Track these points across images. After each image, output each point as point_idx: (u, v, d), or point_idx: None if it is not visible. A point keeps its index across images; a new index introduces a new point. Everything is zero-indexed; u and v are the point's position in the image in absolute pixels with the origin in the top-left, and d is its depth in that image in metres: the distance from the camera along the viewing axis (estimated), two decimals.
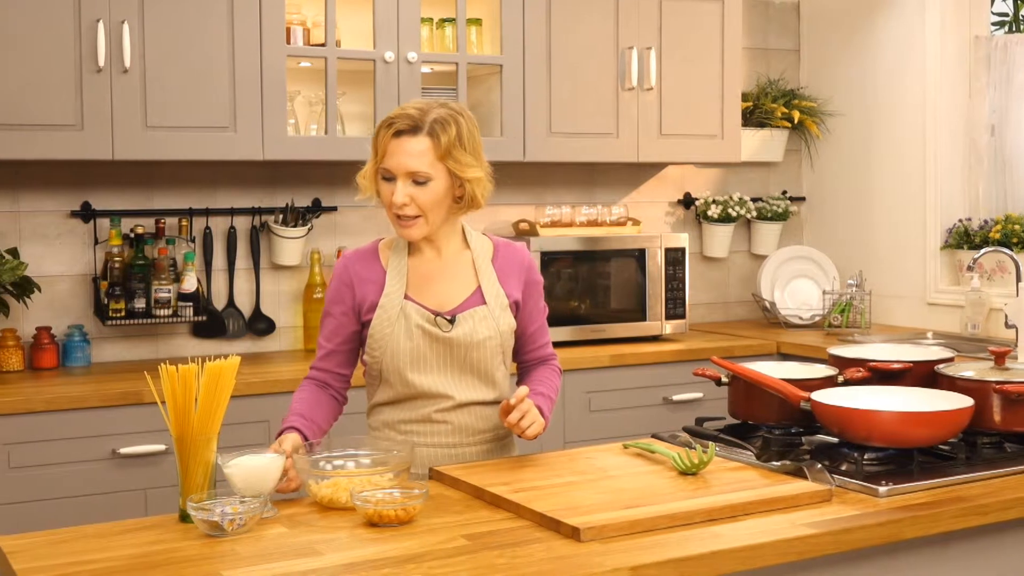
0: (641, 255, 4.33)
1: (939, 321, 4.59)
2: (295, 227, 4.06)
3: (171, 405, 2.05)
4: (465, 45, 4.05)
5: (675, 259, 4.37)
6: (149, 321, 3.80)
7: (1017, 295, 4.14)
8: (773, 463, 2.29)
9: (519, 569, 1.76)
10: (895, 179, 4.79)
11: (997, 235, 4.37)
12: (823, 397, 2.37)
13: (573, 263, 4.23)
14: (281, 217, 4.06)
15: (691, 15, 4.44)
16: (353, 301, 2.46)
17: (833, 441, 2.42)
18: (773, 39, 5.13)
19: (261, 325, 4.11)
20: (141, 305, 3.78)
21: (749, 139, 4.85)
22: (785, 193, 5.12)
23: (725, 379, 2.62)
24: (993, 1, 4.79)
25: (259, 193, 4.11)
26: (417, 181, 2.36)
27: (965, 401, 2.33)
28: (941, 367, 2.57)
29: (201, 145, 3.67)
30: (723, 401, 2.67)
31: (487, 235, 2.57)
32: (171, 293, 3.82)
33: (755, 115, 4.90)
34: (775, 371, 2.61)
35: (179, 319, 3.85)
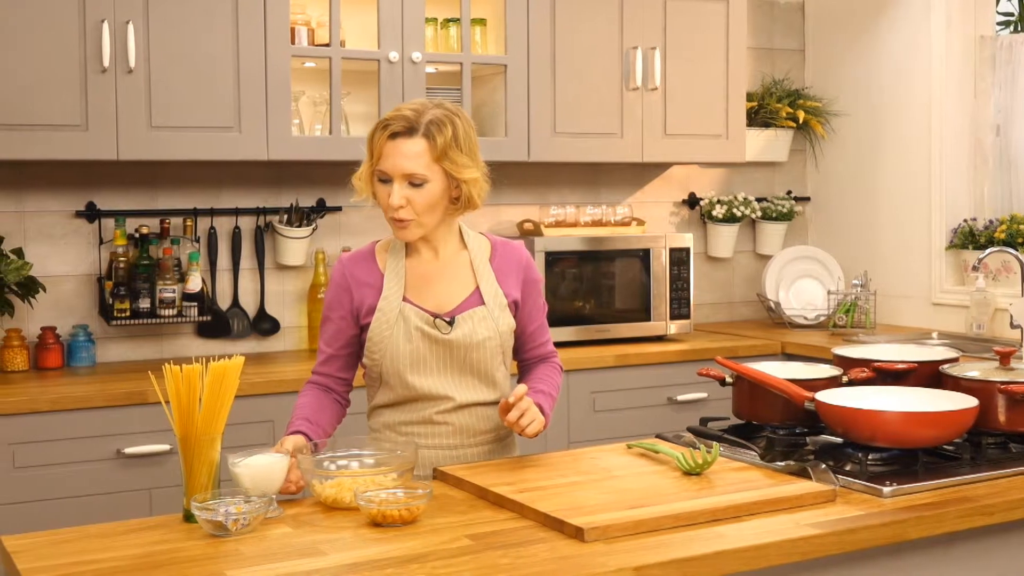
0: (646, 255, 4.33)
1: (944, 321, 4.59)
2: (299, 227, 4.06)
3: (175, 405, 2.05)
4: (469, 45, 4.05)
5: (680, 259, 4.37)
6: (154, 321, 3.80)
7: (1022, 295, 4.14)
8: (777, 463, 2.29)
9: (523, 569, 1.76)
10: (900, 179, 4.78)
11: (1002, 235, 4.36)
12: (827, 397, 2.37)
13: (577, 263, 4.23)
14: (286, 217, 4.07)
15: (696, 15, 4.43)
16: (351, 305, 2.45)
17: (837, 441, 2.42)
18: (778, 39, 5.12)
19: (265, 325, 4.12)
20: (146, 305, 3.78)
21: (754, 139, 4.85)
22: (790, 193, 5.12)
23: (729, 379, 2.62)
24: (998, 1, 4.79)
25: (264, 193, 4.12)
26: (413, 183, 2.35)
27: (970, 401, 2.32)
28: (946, 367, 2.57)
29: (206, 145, 3.67)
30: (727, 401, 2.67)
31: (484, 234, 2.56)
32: (176, 293, 3.83)
33: (760, 115, 4.90)
34: (779, 371, 2.61)
35: (184, 319, 3.85)
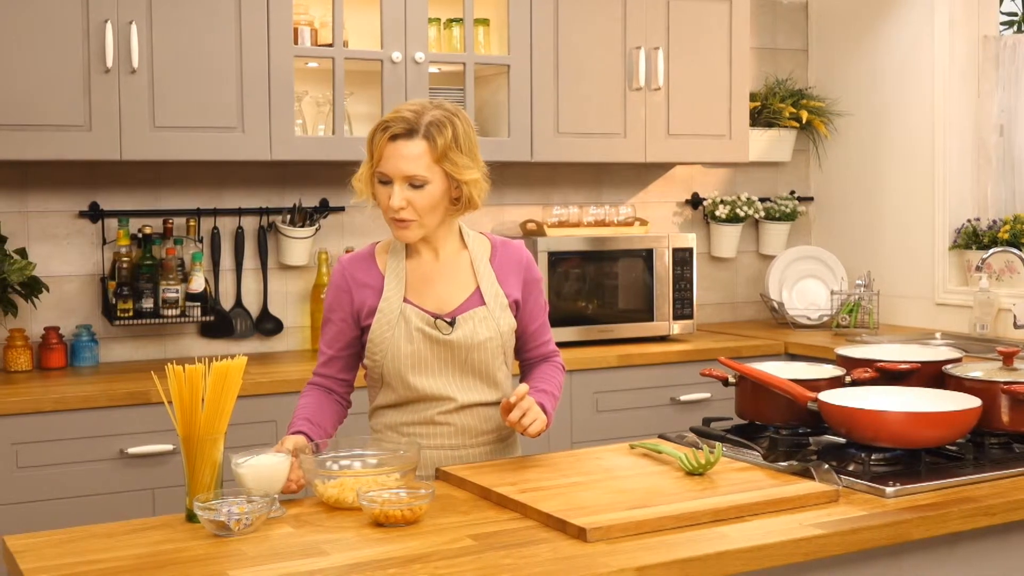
0: (649, 255, 4.33)
1: (948, 321, 4.58)
2: (303, 227, 4.07)
3: (178, 405, 2.06)
4: (472, 45, 4.05)
5: (683, 259, 4.37)
6: (157, 321, 3.80)
7: None
8: (780, 463, 2.28)
9: (525, 569, 1.76)
10: (903, 179, 4.78)
11: (1006, 235, 4.36)
12: (830, 397, 2.37)
13: (580, 263, 4.23)
14: (289, 217, 4.07)
15: (699, 15, 4.43)
16: (351, 307, 2.45)
17: (840, 442, 2.41)
18: (781, 39, 5.12)
19: (269, 325, 4.12)
20: (149, 305, 3.79)
21: (757, 139, 4.84)
22: (793, 193, 5.11)
23: (732, 379, 2.61)
24: (1002, 1, 4.78)
25: (267, 193, 4.12)
26: (414, 184, 2.35)
27: (973, 402, 2.32)
28: (949, 367, 2.56)
29: (209, 145, 3.67)
30: (730, 401, 2.67)
31: (484, 234, 2.56)
32: (179, 293, 3.83)
33: (763, 115, 4.90)
34: (782, 371, 2.61)
35: (187, 319, 3.85)
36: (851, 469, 2.25)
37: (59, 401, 3.28)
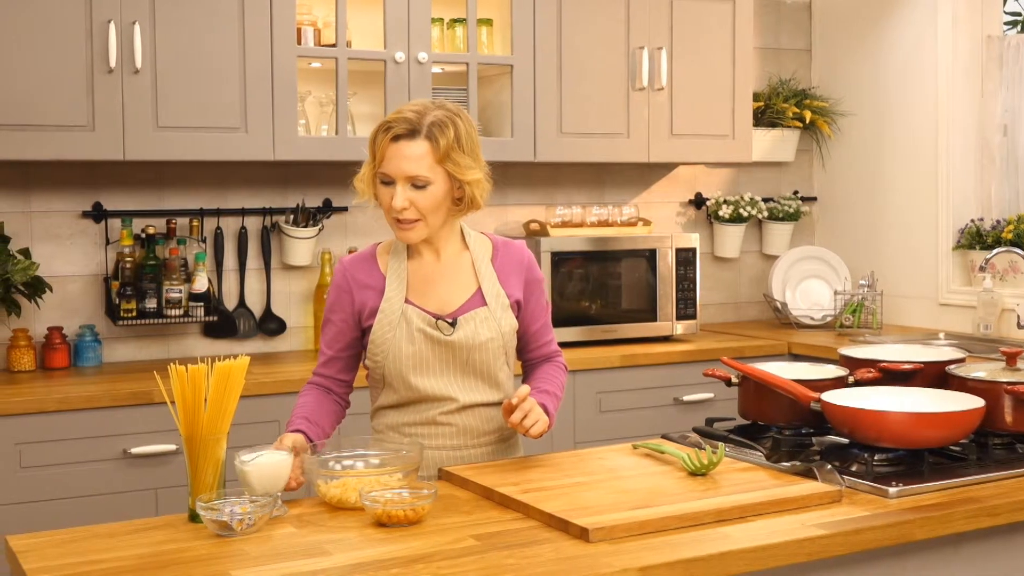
0: (652, 255, 4.32)
1: (951, 321, 4.58)
2: (306, 227, 4.07)
3: (180, 405, 2.06)
4: (476, 45, 4.05)
5: (686, 259, 4.37)
6: (160, 321, 3.81)
7: None
8: (783, 464, 2.28)
9: (528, 569, 1.76)
10: (907, 179, 4.77)
11: (1009, 235, 4.35)
12: (833, 398, 2.37)
13: (584, 263, 4.23)
14: (292, 217, 4.07)
15: (702, 15, 4.43)
16: (352, 308, 2.45)
17: (843, 442, 2.41)
18: (785, 39, 5.12)
19: (272, 325, 4.12)
20: (152, 305, 3.79)
21: (760, 139, 4.84)
22: (796, 193, 5.11)
23: (735, 380, 2.61)
24: (1006, 1, 4.77)
25: (270, 193, 4.12)
26: (416, 185, 2.34)
27: (976, 402, 2.32)
28: (952, 368, 2.56)
29: (212, 145, 3.67)
30: (734, 402, 2.67)
31: (486, 234, 2.55)
32: (182, 293, 3.83)
33: (766, 115, 4.89)
34: (785, 372, 2.60)
35: (190, 319, 3.86)
36: (854, 469, 2.25)
37: (62, 401, 3.29)
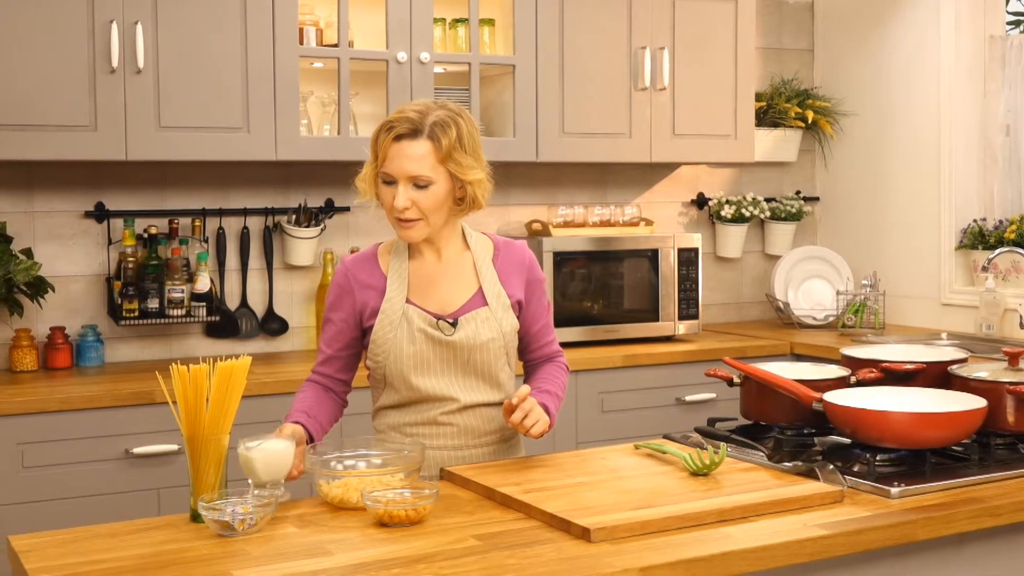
0: (654, 255, 4.32)
1: (954, 322, 4.57)
2: (308, 227, 4.07)
3: (182, 405, 2.06)
4: (478, 45, 4.05)
5: (688, 259, 4.36)
6: (162, 321, 3.81)
7: None
8: (785, 464, 2.28)
9: (529, 569, 1.76)
10: (909, 179, 4.77)
11: (1012, 235, 4.35)
12: (835, 398, 2.37)
13: (586, 263, 4.23)
14: (294, 217, 4.07)
15: (704, 15, 4.43)
16: (353, 308, 2.45)
17: (845, 442, 2.41)
18: (787, 39, 5.11)
19: (274, 325, 4.12)
20: (154, 305, 3.79)
21: (763, 139, 4.84)
22: (799, 193, 5.11)
23: (737, 380, 2.61)
24: (1008, 1, 4.77)
25: (272, 193, 4.12)
26: (418, 184, 2.34)
27: (978, 402, 2.31)
28: (954, 368, 2.56)
29: (214, 146, 3.67)
30: (736, 402, 2.66)
31: (487, 234, 2.56)
32: (184, 293, 3.83)
33: (769, 115, 4.89)
34: (787, 372, 2.60)
35: (192, 319, 3.86)
36: (856, 470, 2.24)
37: (64, 401, 3.29)
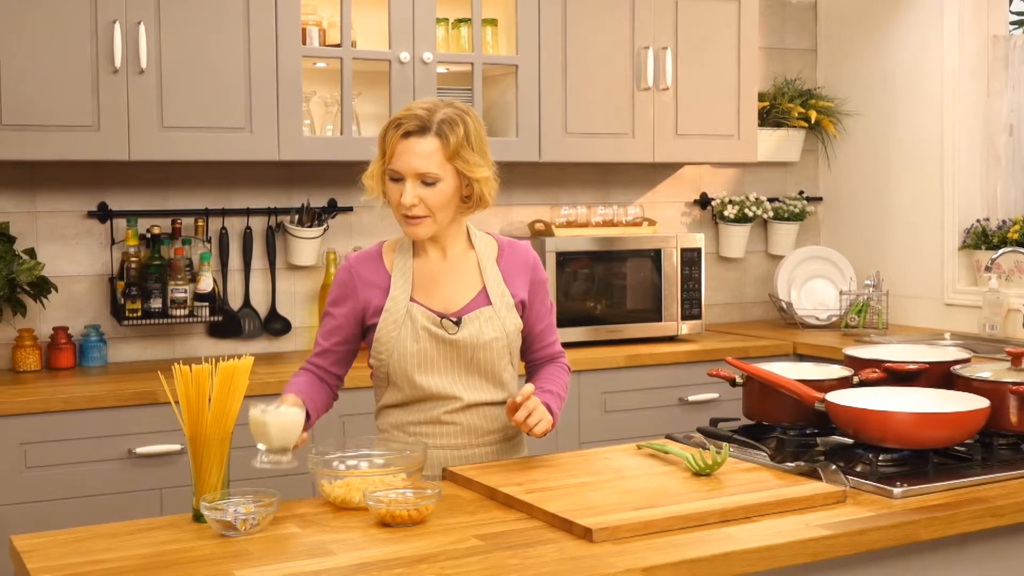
0: (657, 255, 4.32)
1: (957, 322, 4.57)
2: (311, 227, 4.07)
3: (184, 405, 2.06)
4: (480, 45, 4.05)
5: (691, 259, 4.36)
6: (165, 321, 3.81)
7: None
8: (787, 464, 2.28)
9: (531, 569, 1.76)
10: (913, 179, 4.76)
11: (1015, 235, 4.34)
12: (838, 398, 2.36)
13: (589, 263, 4.22)
14: (297, 217, 4.07)
15: (707, 15, 4.42)
16: (356, 305, 2.45)
17: (848, 442, 2.41)
18: (790, 39, 5.11)
19: (277, 325, 4.12)
20: (157, 305, 3.79)
21: (766, 139, 4.83)
22: (802, 193, 5.10)
23: (740, 380, 2.61)
24: (1011, 1, 4.76)
25: (275, 193, 4.12)
26: (426, 182, 2.35)
27: (981, 402, 2.31)
28: (957, 368, 2.56)
29: (217, 145, 3.68)
30: (738, 402, 2.66)
31: (491, 234, 2.56)
32: (187, 293, 3.83)
33: (772, 115, 4.89)
34: (790, 372, 2.60)
35: (195, 319, 3.86)
36: (858, 470, 2.24)
37: (67, 401, 3.29)
